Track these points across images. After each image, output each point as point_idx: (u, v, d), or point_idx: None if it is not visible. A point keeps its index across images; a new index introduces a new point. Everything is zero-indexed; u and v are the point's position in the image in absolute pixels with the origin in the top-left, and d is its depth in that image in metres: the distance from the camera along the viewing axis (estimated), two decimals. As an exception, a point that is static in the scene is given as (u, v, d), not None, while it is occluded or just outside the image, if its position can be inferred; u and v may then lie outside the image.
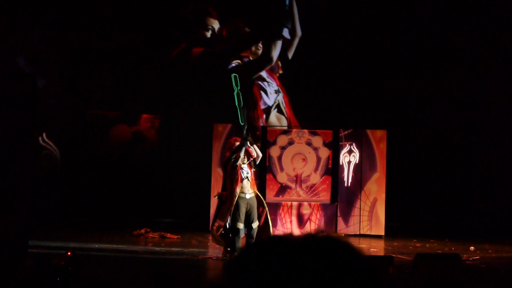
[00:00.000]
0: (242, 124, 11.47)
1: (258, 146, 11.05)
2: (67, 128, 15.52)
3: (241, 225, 10.35)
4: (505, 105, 15.58)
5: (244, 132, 11.33)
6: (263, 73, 15.79)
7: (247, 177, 10.50)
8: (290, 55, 15.90)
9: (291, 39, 15.84)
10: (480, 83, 15.73)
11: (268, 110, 15.72)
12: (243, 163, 10.49)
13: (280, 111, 15.83)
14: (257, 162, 10.77)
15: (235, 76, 12.07)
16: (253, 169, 10.69)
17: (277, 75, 15.90)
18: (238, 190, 10.42)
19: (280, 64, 15.91)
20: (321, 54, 15.97)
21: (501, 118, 15.59)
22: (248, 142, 10.67)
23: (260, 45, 15.83)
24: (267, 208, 10.75)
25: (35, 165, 14.41)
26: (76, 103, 15.66)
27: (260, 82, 15.79)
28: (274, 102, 15.78)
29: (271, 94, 15.78)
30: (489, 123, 15.65)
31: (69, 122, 15.59)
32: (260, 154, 10.81)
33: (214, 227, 10.58)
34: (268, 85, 15.79)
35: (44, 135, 15.42)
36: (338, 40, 15.93)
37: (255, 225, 10.48)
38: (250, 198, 10.48)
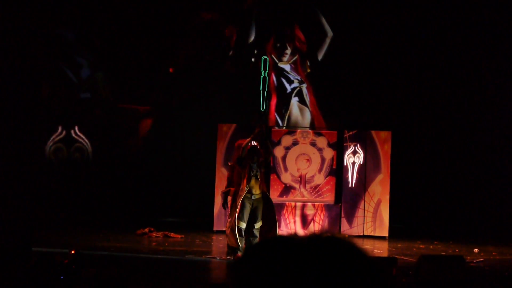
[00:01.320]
0: (263, 110, 11.41)
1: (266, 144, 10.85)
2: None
3: (243, 225, 10.32)
4: (510, 107, 15.54)
5: (262, 118, 11.26)
6: (287, 67, 15.78)
7: (256, 176, 10.39)
8: (320, 56, 15.90)
9: (322, 40, 15.85)
10: (486, 84, 15.71)
11: (288, 97, 15.67)
12: (253, 162, 10.36)
13: (303, 101, 15.76)
14: (268, 160, 10.64)
15: (265, 59, 11.95)
16: (262, 169, 10.55)
17: (305, 73, 15.89)
18: (245, 188, 10.37)
19: (308, 63, 15.91)
20: (326, 56, 15.96)
21: (506, 120, 15.55)
22: (258, 138, 10.60)
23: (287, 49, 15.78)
24: (274, 208, 10.73)
25: (40, 163, 14.43)
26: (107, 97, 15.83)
27: (283, 71, 15.77)
28: (295, 88, 15.72)
29: (293, 82, 15.74)
30: (494, 125, 15.62)
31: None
32: (271, 150, 10.74)
33: (227, 225, 10.60)
34: (291, 76, 15.78)
35: (76, 128, 15.56)
36: (342, 41, 15.92)
37: (257, 225, 10.45)
38: (256, 199, 10.41)
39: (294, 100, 15.73)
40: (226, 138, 13.84)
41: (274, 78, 15.67)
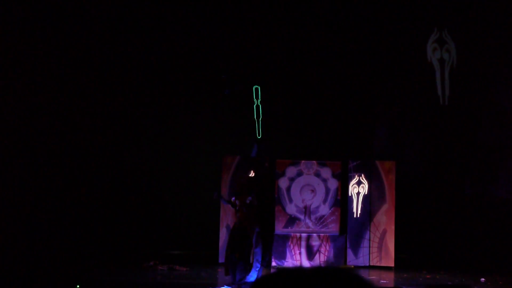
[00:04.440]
0: (259, 137, 11.54)
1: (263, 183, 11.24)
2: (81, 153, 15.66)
3: (232, 255, 10.65)
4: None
5: (256, 146, 11.53)
6: None
7: (241, 210, 10.86)
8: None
9: None
10: (488, 111, 15.74)
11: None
12: (238, 197, 10.90)
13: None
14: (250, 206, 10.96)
15: (256, 88, 12.04)
16: (246, 207, 10.92)
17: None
18: (235, 222, 10.94)
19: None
20: (328, 85, 16.03)
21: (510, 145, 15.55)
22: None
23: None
24: (254, 244, 10.92)
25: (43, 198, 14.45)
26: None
27: None
28: None
29: None
30: (498, 151, 15.60)
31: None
32: (254, 203, 10.99)
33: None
34: None
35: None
36: (345, 70, 16.00)
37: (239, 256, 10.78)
38: (241, 232, 10.79)
39: None
40: (231, 169, 13.86)
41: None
